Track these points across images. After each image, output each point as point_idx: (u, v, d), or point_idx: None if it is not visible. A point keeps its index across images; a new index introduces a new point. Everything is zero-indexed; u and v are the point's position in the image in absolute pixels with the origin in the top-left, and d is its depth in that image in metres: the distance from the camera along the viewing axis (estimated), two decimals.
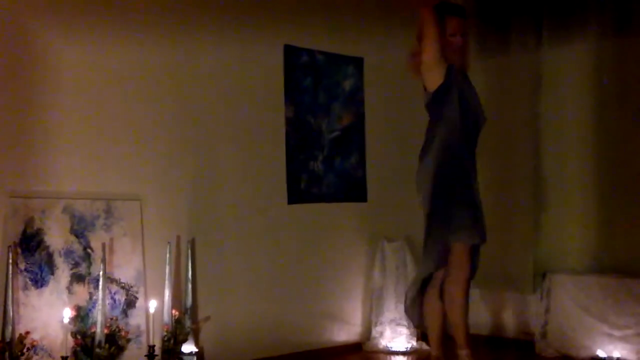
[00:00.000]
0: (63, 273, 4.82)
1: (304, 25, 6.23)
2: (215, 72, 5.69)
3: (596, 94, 6.11)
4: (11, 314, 4.47)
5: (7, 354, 4.37)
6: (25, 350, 4.46)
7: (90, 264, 4.92)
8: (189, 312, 5.28)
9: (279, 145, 6.06)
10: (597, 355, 5.60)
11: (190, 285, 5.33)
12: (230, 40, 5.76)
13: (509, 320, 6.61)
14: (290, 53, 6.11)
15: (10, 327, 4.44)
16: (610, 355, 5.56)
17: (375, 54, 6.69)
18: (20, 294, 4.61)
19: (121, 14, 5.22)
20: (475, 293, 6.75)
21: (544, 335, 6.06)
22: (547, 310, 6.09)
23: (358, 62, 6.60)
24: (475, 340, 6.49)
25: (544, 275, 6.20)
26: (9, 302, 4.47)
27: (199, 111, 5.61)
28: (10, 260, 4.52)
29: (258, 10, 5.91)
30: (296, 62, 6.16)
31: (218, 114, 5.72)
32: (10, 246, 4.56)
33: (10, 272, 4.51)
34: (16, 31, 4.76)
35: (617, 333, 5.61)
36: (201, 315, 5.44)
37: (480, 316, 6.72)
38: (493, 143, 6.72)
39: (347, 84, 6.54)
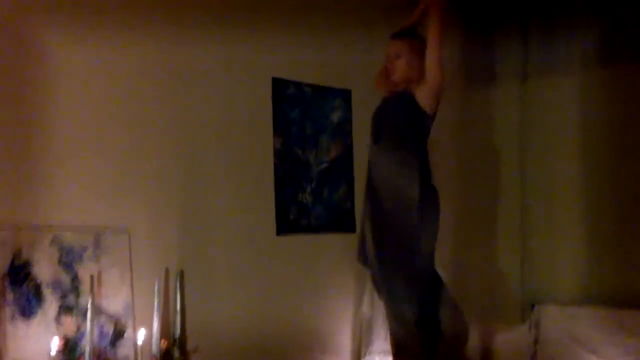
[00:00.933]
0: (51, 304, 4.80)
1: (291, 58, 6.26)
2: (203, 103, 5.70)
3: (583, 124, 6.18)
4: None
5: None
6: None
7: (78, 295, 4.91)
8: (177, 342, 5.27)
9: (268, 176, 6.06)
10: None
11: (179, 316, 5.33)
12: (219, 71, 5.80)
13: (499, 352, 6.60)
14: (278, 85, 6.14)
15: None
16: None
17: (363, 86, 6.66)
18: (8, 326, 4.59)
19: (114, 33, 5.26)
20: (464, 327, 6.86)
21: None
22: (536, 342, 6.13)
23: (346, 94, 6.64)
24: None
25: (532, 307, 6.26)
26: None
27: (187, 142, 5.62)
28: None
29: (246, 42, 5.94)
30: (284, 94, 6.19)
31: (207, 145, 5.73)
32: None
33: None
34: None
35: None
36: (190, 345, 5.42)
37: (470, 350, 6.77)
38: (479, 174, 6.82)
39: (335, 116, 6.57)
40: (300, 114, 6.32)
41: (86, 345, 4.75)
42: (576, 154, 6.20)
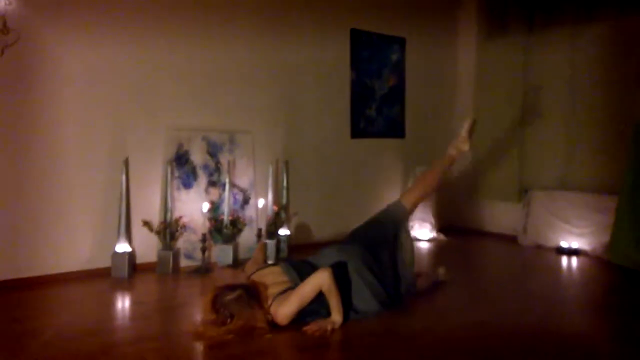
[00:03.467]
0: (202, 180, 5.04)
1: (364, 14, 6.20)
2: (303, 48, 5.71)
3: (569, 67, 5.99)
4: (170, 205, 4.75)
5: (167, 230, 4.67)
6: (179, 228, 4.75)
7: (220, 174, 5.12)
8: (284, 208, 5.47)
9: (346, 98, 6.10)
10: (561, 245, 5.66)
11: (285, 191, 5.52)
12: (315, 27, 5.80)
13: (501, 221, 6.63)
14: (355, 34, 6.13)
15: (169, 214, 4.73)
16: (570, 245, 5.62)
17: (414, 36, 6.66)
18: (175, 193, 4.87)
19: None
20: (479, 203, 6.91)
21: (524, 231, 6.13)
22: (527, 215, 6.14)
23: (401, 41, 6.58)
24: (478, 235, 6.69)
25: (526, 191, 6.27)
26: (169, 198, 4.74)
27: (292, 76, 5.66)
28: (169, 171, 4.79)
29: (333, 3, 5.92)
30: (358, 40, 6.16)
31: (305, 77, 5.76)
32: (168, 161, 4.82)
33: (168, 178, 4.77)
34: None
35: (576, 231, 5.68)
36: (291, 210, 5.62)
37: (482, 219, 6.87)
38: (491, 102, 6.73)
39: (394, 56, 6.53)
40: (369, 55, 6.29)
41: (225, 207, 5.06)
42: (562, 88, 6.02)
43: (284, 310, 3.14)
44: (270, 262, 4.43)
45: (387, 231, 3.84)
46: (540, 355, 2.94)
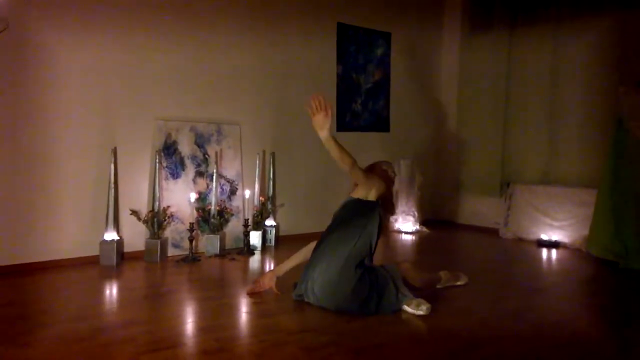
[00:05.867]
0: (190, 170, 5.08)
1: (350, 9, 6.25)
2: (290, 42, 5.75)
3: (552, 63, 6.09)
4: (158, 194, 4.77)
5: (155, 219, 4.71)
6: (166, 218, 4.79)
7: (207, 165, 5.16)
8: (270, 199, 5.53)
9: (332, 91, 6.14)
10: (542, 238, 5.77)
11: (271, 182, 5.57)
12: (302, 21, 5.83)
13: (484, 214, 6.72)
14: (341, 28, 6.18)
15: (157, 203, 4.75)
16: (550, 238, 5.74)
17: (399, 31, 6.73)
18: (163, 182, 4.90)
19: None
20: (461, 197, 7.00)
21: (506, 224, 6.22)
22: (508, 208, 6.24)
23: (387, 36, 6.64)
24: (460, 228, 6.79)
25: (508, 185, 6.36)
26: (157, 187, 4.77)
27: (279, 68, 5.69)
28: (157, 160, 4.82)
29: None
30: (345, 35, 6.22)
31: (292, 70, 5.80)
32: (157, 151, 4.84)
33: (157, 168, 4.80)
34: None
35: (555, 224, 5.79)
36: (278, 201, 5.66)
37: (465, 212, 6.97)
38: (477, 99, 6.82)
39: (379, 51, 6.59)
40: (355, 49, 6.35)
41: (212, 198, 5.10)
42: (544, 83, 6.13)
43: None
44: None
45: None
46: (518, 341, 3.02)
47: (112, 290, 3.98)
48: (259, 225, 5.31)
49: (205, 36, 5.16)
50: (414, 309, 3.30)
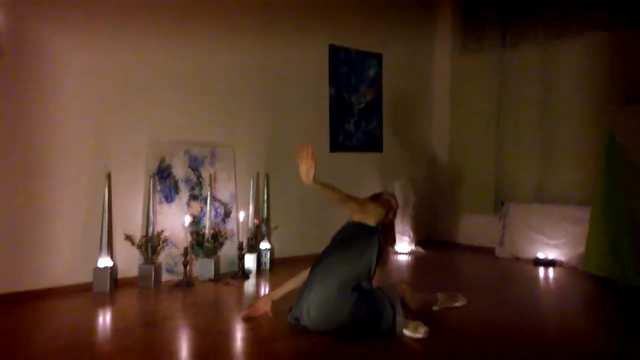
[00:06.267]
0: (184, 193, 5.04)
1: (341, 30, 6.27)
2: (284, 64, 5.77)
3: (543, 82, 6.13)
4: (152, 219, 4.74)
5: (149, 244, 4.66)
6: (160, 242, 4.74)
7: (201, 188, 5.13)
8: (265, 221, 5.50)
9: (325, 112, 6.16)
10: (538, 257, 5.75)
11: (265, 204, 5.55)
12: (294, 43, 5.84)
13: (478, 234, 6.69)
14: (333, 50, 6.20)
15: (151, 227, 4.72)
16: (546, 256, 5.71)
17: (391, 51, 6.75)
18: (157, 206, 4.86)
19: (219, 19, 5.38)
20: (456, 216, 6.99)
21: (501, 243, 6.20)
22: (503, 227, 6.22)
23: (378, 57, 6.66)
24: (455, 248, 6.77)
25: (502, 204, 6.36)
26: (150, 211, 4.73)
27: (272, 91, 5.69)
28: (151, 184, 4.78)
29: (310, 19, 5.98)
30: (336, 56, 6.24)
31: (286, 92, 5.81)
32: (150, 175, 4.82)
33: (150, 192, 4.77)
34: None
35: (551, 242, 5.78)
36: (272, 224, 5.63)
37: (460, 232, 6.95)
38: (469, 118, 6.84)
39: (371, 72, 6.60)
40: (347, 70, 6.36)
41: (206, 221, 5.06)
42: (536, 101, 6.15)
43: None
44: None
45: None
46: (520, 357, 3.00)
47: (105, 318, 3.93)
48: (253, 248, 5.27)
49: (198, 60, 5.17)
50: (412, 332, 3.27)
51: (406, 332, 3.28)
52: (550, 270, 5.45)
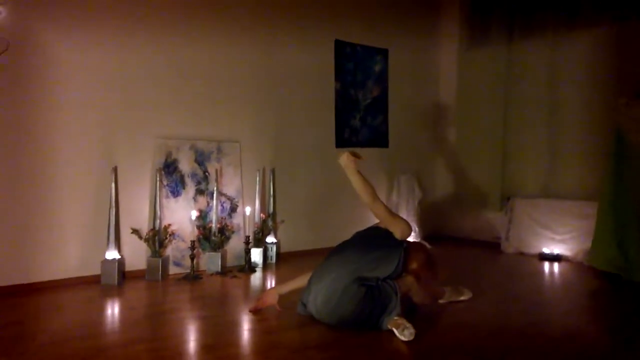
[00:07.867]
0: (190, 188, 5.09)
1: (347, 26, 6.30)
2: (290, 60, 5.80)
3: (550, 77, 6.13)
4: (159, 212, 4.79)
5: (156, 237, 4.72)
6: (167, 236, 4.80)
7: (207, 183, 5.18)
8: (271, 216, 5.54)
9: (331, 108, 6.19)
10: (543, 252, 5.77)
11: (272, 199, 5.59)
12: (301, 38, 5.88)
13: (485, 229, 6.72)
14: (339, 45, 6.23)
15: (158, 221, 4.76)
16: (552, 251, 5.73)
17: (397, 47, 6.77)
18: (164, 200, 4.91)
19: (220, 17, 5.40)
20: (462, 211, 7.00)
21: (507, 238, 6.21)
22: (510, 222, 6.23)
23: (384, 52, 6.68)
24: (461, 242, 6.78)
25: (508, 199, 6.36)
26: (157, 205, 4.78)
27: (278, 86, 5.74)
28: (158, 179, 4.83)
29: (316, 15, 6.03)
30: (342, 51, 6.26)
31: (292, 88, 5.84)
32: (157, 170, 4.86)
33: (157, 186, 4.81)
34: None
35: (557, 237, 5.79)
36: (278, 218, 5.67)
37: (466, 227, 6.96)
38: (476, 113, 6.84)
39: (377, 67, 6.62)
40: (353, 66, 6.38)
41: (213, 215, 5.12)
42: (543, 95, 6.16)
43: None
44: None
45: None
46: (525, 356, 3.02)
47: (113, 310, 3.97)
48: (260, 242, 5.31)
49: (205, 55, 5.20)
50: (400, 333, 3.16)
51: (396, 331, 3.19)
52: (556, 265, 5.46)
